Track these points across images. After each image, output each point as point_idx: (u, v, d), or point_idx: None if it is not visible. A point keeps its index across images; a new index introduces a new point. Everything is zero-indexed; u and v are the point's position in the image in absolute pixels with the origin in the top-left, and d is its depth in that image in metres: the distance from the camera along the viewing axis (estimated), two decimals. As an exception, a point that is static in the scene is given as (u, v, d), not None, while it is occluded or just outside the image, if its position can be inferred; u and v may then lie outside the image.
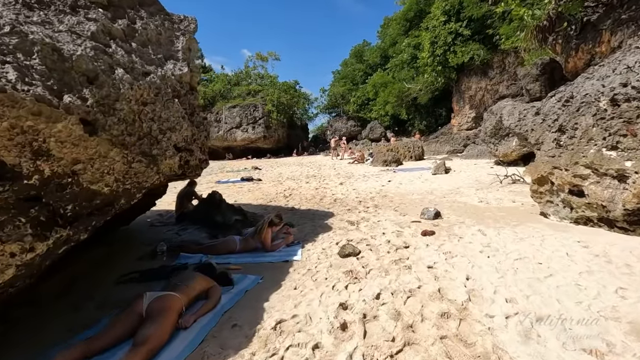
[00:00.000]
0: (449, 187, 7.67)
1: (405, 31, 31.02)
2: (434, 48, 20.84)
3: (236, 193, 8.67)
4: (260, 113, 28.63)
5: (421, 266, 3.03)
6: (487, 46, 18.67)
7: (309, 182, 10.20)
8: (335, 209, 5.98)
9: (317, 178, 11.14)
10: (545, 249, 3.31)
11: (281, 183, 10.31)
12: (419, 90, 25.13)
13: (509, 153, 10.52)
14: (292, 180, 11.00)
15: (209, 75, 33.54)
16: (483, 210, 5.20)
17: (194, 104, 3.49)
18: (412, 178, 9.62)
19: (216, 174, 15.01)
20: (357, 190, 8.02)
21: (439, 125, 28.51)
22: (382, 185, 8.52)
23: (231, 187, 9.91)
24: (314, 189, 8.62)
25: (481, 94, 21.18)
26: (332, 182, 9.89)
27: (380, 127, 31.59)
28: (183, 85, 3.22)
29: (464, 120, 22.33)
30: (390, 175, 10.77)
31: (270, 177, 12.18)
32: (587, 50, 7.63)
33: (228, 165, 20.67)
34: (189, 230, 5.09)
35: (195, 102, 3.51)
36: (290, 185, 9.72)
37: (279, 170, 15.20)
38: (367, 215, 5.23)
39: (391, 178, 9.89)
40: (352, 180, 10.00)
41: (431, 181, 8.79)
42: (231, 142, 28.78)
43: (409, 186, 8.24)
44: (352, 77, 36.75)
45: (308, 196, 7.60)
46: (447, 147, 20.31)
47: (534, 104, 7.78)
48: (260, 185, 10.16)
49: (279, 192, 8.38)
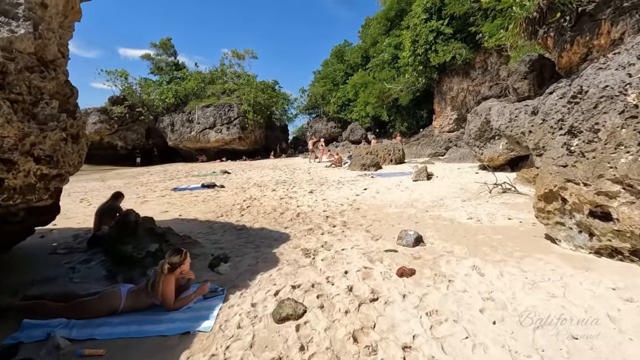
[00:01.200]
0: (431, 198, 6.65)
1: (386, 31, 30.35)
2: (415, 47, 20.07)
3: (187, 204, 7.38)
4: (236, 113, 27.18)
5: (393, 348, 1.91)
6: (469, 45, 18.01)
7: (276, 189, 9.00)
8: (294, 228, 4.83)
9: (287, 184, 9.96)
10: (573, 305, 2.26)
11: (245, 191, 9.08)
12: (400, 90, 24.38)
13: (496, 157, 9.67)
14: (258, 187, 9.78)
15: (182, 73, 31.76)
16: (475, 232, 4.17)
17: (44, 89, 2.25)
18: (390, 185, 8.59)
19: (179, 179, 13.60)
20: (326, 201, 6.89)
21: (421, 127, 27.87)
22: (357, 195, 7.43)
23: (186, 196, 8.60)
24: (278, 199, 7.44)
25: (463, 95, 20.57)
26: (301, 189, 8.74)
27: (361, 129, 30.71)
28: (17, 57, 1.99)
29: (446, 122, 21.68)
30: (368, 181, 9.72)
31: (236, 183, 10.91)
32: (584, 43, 6.80)
33: (197, 169, 19.20)
34: (93, 263, 3.82)
35: (45, 86, 2.27)
36: (253, 193, 8.50)
37: (249, 175, 13.93)
38: (331, 240, 4.10)
39: (368, 185, 8.83)
40: (324, 187, 8.88)
41: (412, 189, 7.77)
42: (204, 144, 27.17)
43: (386, 195, 7.19)
44: (332, 77, 35.77)
45: (268, 209, 6.41)
46: (428, 149, 19.54)
47: (527, 102, 6.91)
48: (220, 193, 8.89)
49: (236, 204, 7.15)
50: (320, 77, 37.30)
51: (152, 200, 8.13)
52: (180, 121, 27.41)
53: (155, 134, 29.15)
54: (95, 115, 25.32)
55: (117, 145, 26.68)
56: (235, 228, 5.03)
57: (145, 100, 28.30)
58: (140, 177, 15.17)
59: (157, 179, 14.16)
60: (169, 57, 34.71)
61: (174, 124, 27.58)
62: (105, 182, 13.75)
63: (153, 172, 17.94)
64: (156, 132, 28.99)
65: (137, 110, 27.95)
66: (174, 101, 27.66)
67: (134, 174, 17.67)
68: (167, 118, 27.92)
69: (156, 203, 7.70)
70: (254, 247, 3.94)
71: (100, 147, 26.91)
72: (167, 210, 6.74)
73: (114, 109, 25.99)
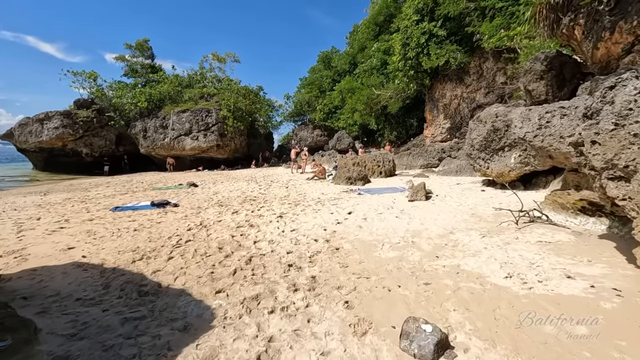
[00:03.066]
0: (438, 230, 4.94)
1: (374, 36, 29.11)
2: (405, 50, 18.69)
3: (109, 235, 5.47)
4: (214, 119, 25.25)
5: None
6: (464, 48, 16.70)
7: (239, 211, 7.16)
8: (232, 294, 3.01)
9: (256, 203, 8.14)
10: None
11: (199, 213, 7.20)
12: (389, 97, 22.93)
13: (506, 172, 8.08)
14: (219, 206, 7.92)
15: (158, 76, 29.70)
16: (535, 317, 2.42)
17: None
18: (381, 207, 6.86)
19: (133, 193, 11.60)
20: (296, 233, 5.10)
21: (410, 136, 26.49)
22: (338, 223, 5.66)
23: (121, 220, 6.68)
24: (234, 228, 5.61)
25: (456, 102, 19.24)
26: (270, 211, 6.93)
27: (348, 137, 29.18)
28: None
29: (438, 131, 20.28)
30: (353, 200, 7.98)
31: (196, 201, 9.02)
32: (629, 29, 5.28)
33: (164, 180, 17.15)
34: None
35: None
36: (207, 217, 6.64)
37: (217, 189, 12.03)
38: (281, 332, 2.30)
39: (353, 206, 7.08)
40: (299, 209, 7.08)
41: (409, 215, 6.06)
42: (179, 151, 25.08)
43: (377, 224, 5.44)
44: (319, 83, 34.30)
45: (212, 247, 4.57)
46: (420, 160, 18.02)
47: (562, 103, 5.34)
48: (167, 216, 7.00)
49: (175, 235, 5.28)
50: (306, 83, 35.79)
51: (71, 227, 6.18)
52: (154, 127, 25.31)
53: (126, 141, 26.94)
54: (58, 120, 23.02)
55: (82, 152, 24.36)
56: (141, 290, 3.18)
57: (116, 104, 26.11)
58: (93, 190, 13.08)
59: (110, 192, 12.11)
60: (146, 60, 32.63)
61: (146, 130, 25.45)
62: (46, 195, 11.63)
63: (113, 184, 15.82)
64: (128, 139, 26.79)
65: (106, 114, 25.73)
66: (147, 105, 25.56)
67: (90, 185, 15.51)
68: (139, 123, 25.78)
69: (71, 232, 5.75)
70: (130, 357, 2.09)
71: (64, 154, 24.55)
72: (73, 247, 4.82)
73: (79, 113, 23.74)
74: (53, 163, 24.48)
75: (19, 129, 23.17)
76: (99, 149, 24.85)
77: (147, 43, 32.19)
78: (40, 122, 22.92)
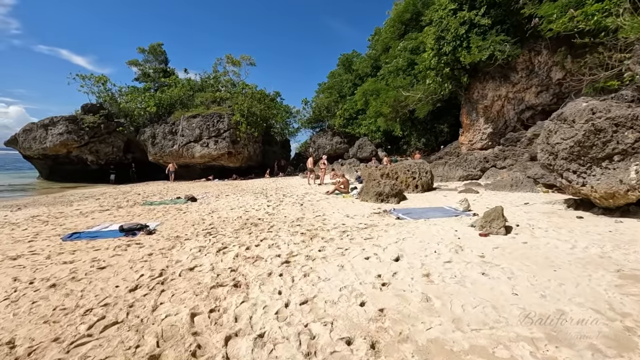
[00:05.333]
0: (586, 315, 2.49)
1: (400, 35, 26.74)
2: (440, 45, 16.23)
3: (0, 298, 3.33)
4: (226, 125, 23.45)
5: None
6: (512, 40, 14.10)
7: (227, 247, 4.91)
8: None
9: (256, 231, 5.89)
10: None
11: (171, 249, 5.00)
12: (418, 100, 20.40)
13: (621, 192, 5.49)
14: (204, 236, 5.71)
15: (170, 80, 28.34)
16: None
17: None
18: (443, 247, 4.45)
19: (118, 209, 9.61)
20: (311, 314, 2.77)
21: (440, 144, 23.79)
22: (383, 284, 3.30)
23: (51, 260, 4.57)
24: (202, 295, 3.34)
25: (500, 103, 16.53)
26: (271, 250, 4.64)
27: (371, 145, 26.76)
28: None
29: (477, 137, 17.56)
30: (393, 230, 5.59)
31: (181, 225, 6.87)
32: None
33: (164, 191, 15.25)
34: None
35: None
36: (175, 261, 4.42)
37: (217, 205, 9.90)
38: None
39: (398, 244, 4.69)
40: (316, 246, 4.75)
41: (501, 268, 3.62)
42: (188, 159, 23.35)
43: (457, 297, 3.04)
44: (339, 87, 32.16)
45: (147, 347, 2.31)
46: (458, 171, 15.38)
47: None
48: (123, 254, 4.84)
49: (96, 307, 3.08)
50: (325, 88, 33.73)
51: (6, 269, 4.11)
52: (162, 133, 23.75)
53: (135, 148, 25.52)
54: (62, 125, 21.75)
55: (87, 159, 22.99)
56: None
57: (125, 109, 24.78)
58: (76, 204, 11.23)
59: (92, 207, 10.20)
60: (160, 65, 31.50)
61: (155, 136, 23.91)
62: (19, 210, 9.82)
63: (107, 195, 14.02)
64: (137, 146, 25.37)
65: (115, 120, 24.40)
66: (156, 110, 24.07)
67: (81, 197, 13.74)
68: (148, 129, 24.30)
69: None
70: None
71: (69, 162, 23.26)
72: None
73: (85, 118, 22.43)
74: (58, 171, 23.23)
75: (23, 135, 22.07)
76: (105, 156, 23.45)
77: (161, 47, 31.08)
78: (45, 127, 21.73)
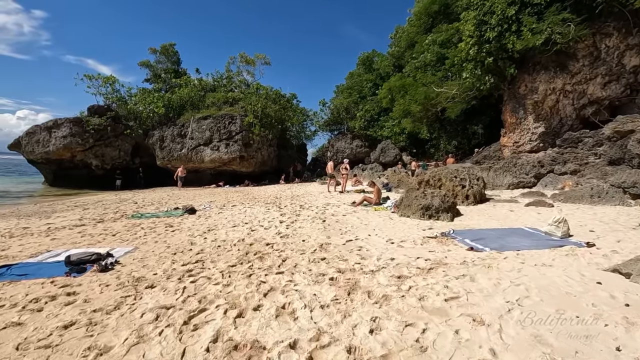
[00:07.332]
0: None
1: (426, 29, 24.44)
2: (481, 32, 13.96)
3: None
4: (238, 127, 21.72)
5: None
6: (576, 19, 11.70)
7: (207, 314, 2.88)
8: None
9: (262, 266, 3.85)
10: None
11: (119, 306, 3.02)
12: (452, 97, 18.08)
13: None
14: (181, 280, 3.71)
15: (181, 81, 26.97)
16: None
17: None
18: (611, 325, 2.26)
19: (98, 223, 7.79)
20: None
21: (474, 147, 21.29)
22: None
23: None
24: None
25: (554, 98, 14.02)
26: (283, 332, 2.58)
27: (395, 148, 24.49)
28: None
29: (525, 137, 15.05)
30: (481, 274, 3.43)
31: (159, 253, 4.91)
32: None
33: (165, 199, 13.47)
34: None
35: None
36: (102, 347, 2.41)
37: (218, 220, 7.95)
38: None
39: (508, 304, 2.54)
40: (360, 310, 2.66)
41: None
42: (197, 164, 21.69)
43: None
44: (359, 88, 30.07)
45: None
46: (507, 178, 12.97)
47: None
48: (34, 316, 2.88)
49: None
50: (344, 88, 31.70)
51: None
52: (171, 136, 22.22)
53: (144, 152, 24.07)
54: (67, 128, 20.48)
55: (92, 164, 21.65)
56: None
57: (134, 111, 23.44)
58: (62, 214, 9.51)
59: (70, 220, 8.41)
60: (172, 65, 30.29)
61: (163, 139, 22.41)
62: None
63: (99, 205, 12.33)
64: (145, 150, 23.91)
65: (123, 123, 23.06)
66: (164, 112, 22.60)
67: (69, 206, 12.07)
68: (157, 132, 22.83)
69: None
70: None
71: (73, 166, 21.97)
72: None
73: (90, 120, 21.13)
74: (62, 176, 21.97)
75: (27, 138, 20.94)
76: (111, 160, 22.08)
77: (173, 47, 29.89)
78: (49, 130, 20.53)
